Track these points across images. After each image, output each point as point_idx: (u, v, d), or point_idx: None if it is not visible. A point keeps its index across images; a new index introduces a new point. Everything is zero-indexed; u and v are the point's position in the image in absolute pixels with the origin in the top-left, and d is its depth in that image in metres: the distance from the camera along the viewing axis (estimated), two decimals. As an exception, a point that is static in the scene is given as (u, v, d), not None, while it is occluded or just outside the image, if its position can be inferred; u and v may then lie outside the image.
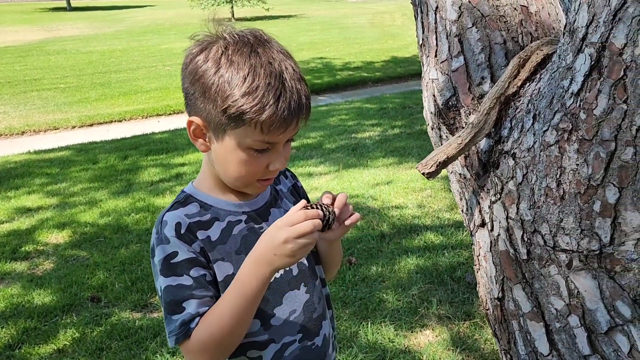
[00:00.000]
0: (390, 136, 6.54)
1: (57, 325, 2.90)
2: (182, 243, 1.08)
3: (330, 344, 1.28)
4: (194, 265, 1.08)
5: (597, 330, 1.18)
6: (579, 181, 1.14)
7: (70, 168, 6.03)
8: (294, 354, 1.19)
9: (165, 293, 1.07)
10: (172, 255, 1.07)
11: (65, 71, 13.74)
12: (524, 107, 1.30)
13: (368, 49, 15.50)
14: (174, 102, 9.83)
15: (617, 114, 1.05)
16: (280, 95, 1.02)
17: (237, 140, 1.06)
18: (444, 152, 1.37)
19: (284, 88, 1.03)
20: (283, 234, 1.00)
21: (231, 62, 1.03)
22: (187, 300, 1.06)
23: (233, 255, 1.13)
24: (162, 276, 1.07)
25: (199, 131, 1.11)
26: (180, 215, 1.11)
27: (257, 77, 1.01)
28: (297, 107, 1.04)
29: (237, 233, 1.15)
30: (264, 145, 1.06)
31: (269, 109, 1.01)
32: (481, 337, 2.61)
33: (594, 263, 1.16)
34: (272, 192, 1.25)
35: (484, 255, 1.44)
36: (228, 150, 1.08)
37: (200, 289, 1.08)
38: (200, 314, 1.06)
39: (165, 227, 1.09)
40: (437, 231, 3.76)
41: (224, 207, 1.16)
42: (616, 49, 1.03)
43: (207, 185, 1.18)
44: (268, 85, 1.01)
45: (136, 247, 3.82)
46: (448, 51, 1.47)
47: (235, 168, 1.10)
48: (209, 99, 1.05)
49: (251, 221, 1.17)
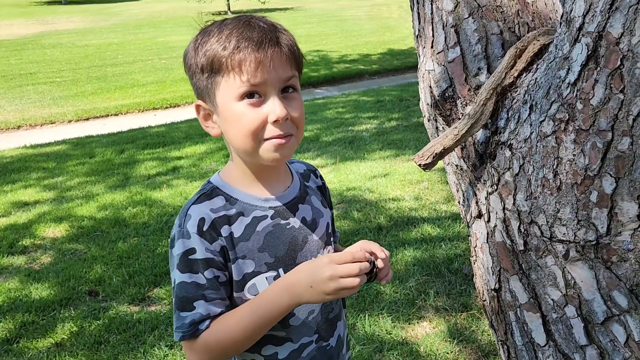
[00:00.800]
0: (387, 129, 6.53)
1: (55, 319, 2.90)
2: (202, 241, 1.06)
3: (344, 344, 1.27)
4: (210, 266, 1.07)
5: (594, 320, 1.18)
6: (575, 171, 1.14)
7: (66, 162, 6.02)
8: (311, 354, 1.17)
9: (179, 288, 1.07)
10: (191, 251, 1.06)
11: (61, 65, 13.68)
12: (521, 97, 1.30)
13: (365, 42, 15.46)
14: (170, 96, 9.81)
15: (614, 103, 1.05)
16: (243, 32, 1.03)
17: (224, 94, 1.06)
18: (440, 143, 1.37)
19: (249, 26, 1.04)
20: (328, 270, 1.00)
21: (206, 33, 1.08)
22: (199, 300, 1.06)
23: (255, 253, 1.11)
24: (179, 271, 1.07)
25: (206, 114, 1.13)
26: (205, 211, 1.08)
27: (225, 29, 1.05)
28: (261, 38, 1.03)
29: (261, 230, 1.12)
30: (250, 89, 1.04)
31: (232, 44, 1.02)
32: (478, 328, 2.62)
33: (590, 253, 1.16)
34: (301, 187, 1.22)
35: (480, 246, 1.44)
36: (225, 112, 1.07)
37: (212, 291, 1.07)
38: (211, 316, 1.06)
39: (188, 221, 1.07)
40: (434, 223, 3.76)
41: (251, 202, 1.13)
42: (613, 39, 1.03)
43: (234, 177, 1.15)
44: (232, 29, 1.04)
45: (134, 241, 3.81)
46: (444, 42, 1.46)
47: (236, 129, 1.07)
48: (193, 73, 1.09)
49: (278, 217, 1.14)
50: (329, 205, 1.30)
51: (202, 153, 6.02)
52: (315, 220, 1.20)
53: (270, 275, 1.11)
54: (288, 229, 1.15)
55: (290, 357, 1.15)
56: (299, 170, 1.26)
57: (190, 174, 5.28)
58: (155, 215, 4.26)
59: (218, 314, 1.07)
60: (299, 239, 1.16)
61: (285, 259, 1.14)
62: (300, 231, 1.17)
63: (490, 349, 2.47)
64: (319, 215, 1.22)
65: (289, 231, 1.15)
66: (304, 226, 1.18)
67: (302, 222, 1.18)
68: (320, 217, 1.22)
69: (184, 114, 8.64)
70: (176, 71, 12.33)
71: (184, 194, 4.67)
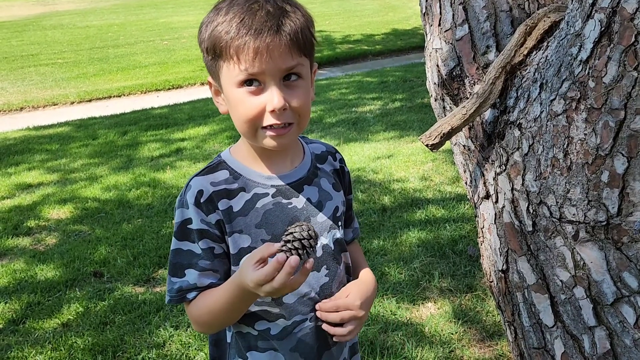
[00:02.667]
0: (391, 110, 6.49)
1: (60, 300, 2.91)
2: (198, 212, 1.10)
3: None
4: (204, 237, 1.10)
5: (603, 301, 1.18)
6: (586, 151, 1.12)
7: (70, 144, 6.01)
8: (304, 331, 1.18)
9: (173, 255, 1.12)
10: (188, 221, 1.10)
11: (62, 46, 13.59)
12: (531, 76, 1.28)
13: (368, 22, 15.30)
14: (173, 77, 9.75)
15: (627, 81, 1.03)
16: (245, 18, 1.02)
17: (226, 78, 1.07)
18: (448, 123, 1.35)
19: (253, 14, 1.03)
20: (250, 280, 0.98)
21: (217, 10, 1.07)
22: (189, 269, 1.11)
23: (252, 229, 1.12)
24: (176, 238, 1.12)
25: (215, 89, 1.15)
26: (205, 183, 1.11)
27: (231, 10, 1.04)
28: (264, 29, 1.01)
29: (260, 207, 1.13)
30: (249, 77, 1.03)
31: (232, 31, 1.02)
32: (483, 309, 2.62)
33: (600, 234, 1.15)
34: (311, 168, 1.21)
35: (488, 227, 1.43)
36: (228, 95, 1.09)
37: (205, 261, 1.11)
38: (198, 286, 1.11)
39: (188, 192, 1.11)
40: (439, 204, 3.75)
41: (254, 178, 1.15)
42: (627, 14, 1.00)
43: (241, 153, 1.17)
44: (237, 13, 1.03)
45: (138, 222, 3.81)
46: (452, 19, 1.43)
47: (236, 113, 1.09)
48: (202, 50, 1.10)
49: (279, 195, 1.15)
50: (346, 190, 1.29)
51: (205, 134, 6.00)
52: (320, 203, 1.19)
53: None
54: (289, 208, 1.15)
55: (283, 333, 1.17)
56: (315, 151, 1.25)
57: (193, 156, 5.27)
58: (159, 196, 4.25)
59: (206, 285, 1.11)
60: (301, 219, 1.16)
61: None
62: (303, 212, 1.17)
63: (495, 330, 2.47)
64: (326, 198, 1.21)
65: (290, 210, 1.15)
66: (307, 207, 1.17)
67: (306, 203, 1.17)
68: (328, 200, 1.21)
69: (187, 95, 8.60)
70: (178, 52, 12.25)
71: (188, 175, 4.66)
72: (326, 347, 1.21)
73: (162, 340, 2.54)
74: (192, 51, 12.25)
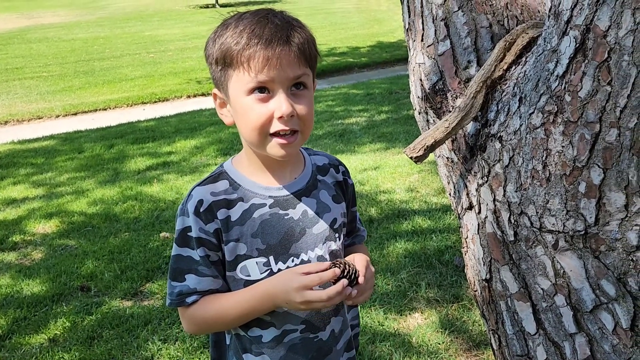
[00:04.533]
0: (378, 121, 6.54)
1: (47, 315, 2.89)
2: (197, 220, 1.14)
3: (342, 342, 1.27)
4: (202, 245, 1.15)
5: (583, 309, 1.21)
6: (564, 163, 1.16)
7: (55, 157, 5.98)
8: (293, 342, 1.21)
9: (174, 260, 1.17)
10: (188, 229, 1.15)
11: (47, 59, 13.54)
12: (510, 90, 1.32)
13: (354, 34, 15.44)
14: (159, 90, 9.75)
15: (602, 95, 1.07)
16: (255, 29, 1.07)
17: (235, 87, 1.10)
18: (431, 136, 1.38)
19: (262, 24, 1.08)
20: (295, 282, 1.08)
21: (225, 25, 1.12)
22: (190, 274, 1.16)
23: (248, 238, 1.16)
24: (177, 245, 1.17)
25: (221, 102, 1.17)
26: (205, 193, 1.16)
27: (240, 24, 1.09)
28: (274, 39, 1.06)
29: (257, 216, 1.17)
30: (259, 85, 1.08)
31: (243, 40, 1.06)
32: (469, 318, 2.65)
33: (579, 243, 1.18)
34: (310, 180, 1.24)
35: (471, 237, 1.46)
36: (236, 104, 1.12)
37: (203, 267, 1.16)
38: (198, 291, 1.16)
39: (189, 201, 1.16)
40: (425, 215, 3.79)
41: (252, 189, 1.18)
42: (600, 31, 1.05)
43: (242, 164, 1.21)
44: (247, 26, 1.08)
45: (125, 236, 3.80)
46: (434, 35, 1.47)
47: (244, 122, 1.12)
48: (211, 63, 1.14)
49: (277, 206, 1.19)
50: (349, 202, 1.32)
51: (192, 148, 6.00)
52: (318, 214, 1.22)
53: (261, 260, 1.17)
54: (286, 219, 1.19)
55: (273, 342, 1.20)
56: (317, 163, 1.28)
57: (181, 169, 5.27)
58: (146, 210, 4.25)
59: (205, 290, 1.16)
60: (296, 230, 1.19)
61: (278, 247, 1.18)
62: (299, 223, 1.20)
63: (481, 339, 2.50)
64: (324, 210, 1.23)
65: (286, 221, 1.18)
66: (303, 218, 1.20)
67: (303, 214, 1.20)
68: (326, 212, 1.23)
69: (174, 108, 8.60)
70: (165, 65, 12.26)
71: (175, 188, 4.66)
72: (321, 357, 1.23)
73: (151, 354, 2.54)
74: (178, 64, 12.27)
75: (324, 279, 1.08)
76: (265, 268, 1.17)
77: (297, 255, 1.19)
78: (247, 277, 1.17)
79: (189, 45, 14.74)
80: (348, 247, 1.35)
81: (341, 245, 1.27)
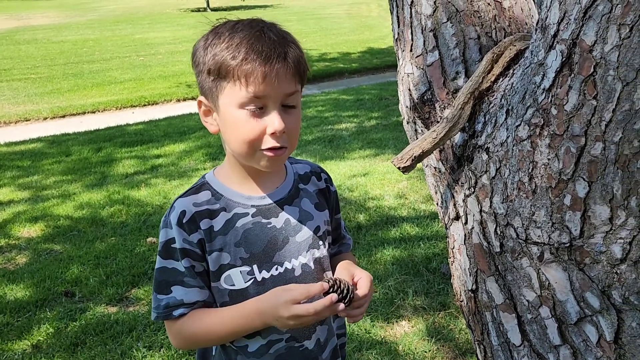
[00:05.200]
0: (367, 128, 6.56)
1: (30, 321, 2.86)
2: (180, 232, 1.13)
3: (328, 350, 1.28)
4: (186, 255, 1.14)
5: (567, 320, 1.21)
6: (550, 175, 1.16)
7: (42, 160, 5.92)
8: (279, 352, 1.21)
9: (159, 273, 1.16)
10: (171, 240, 1.15)
11: (36, 61, 13.44)
12: (498, 102, 1.32)
13: (344, 40, 15.48)
14: (149, 94, 9.71)
15: (587, 109, 1.08)
16: (254, 43, 1.06)
17: (227, 99, 1.09)
18: (419, 146, 1.38)
19: (259, 38, 1.07)
20: (286, 311, 1.06)
21: (216, 34, 1.10)
22: (175, 285, 1.15)
23: (231, 247, 1.16)
24: (160, 257, 1.16)
25: (207, 111, 1.16)
26: (188, 205, 1.15)
27: (235, 35, 1.07)
28: (271, 53, 1.06)
29: (240, 226, 1.17)
30: (253, 101, 1.07)
31: (241, 54, 1.05)
32: (456, 327, 2.66)
33: (564, 255, 1.19)
34: (292, 189, 1.24)
35: (458, 248, 1.46)
36: (226, 115, 1.11)
37: (190, 278, 1.15)
38: (185, 303, 1.15)
39: (172, 213, 1.16)
40: (413, 222, 3.79)
41: (234, 198, 1.18)
42: (586, 46, 1.05)
43: (225, 174, 1.21)
44: (243, 38, 1.07)
45: (111, 241, 3.77)
46: (423, 46, 1.48)
47: (234, 135, 1.11)
48: (200, 71, 1.12)
49: (259, 215, 1.19)
50: (332, 209, 1.32)
51: (181, 152, 5.98)
52: (300, 223, 1.22)
53: (245, 269, 1.17)
54: (269, 228, 1.19)
55: (259, 352, 1.20)
56: (299, 172, 1.29)
57: (169, 173, 5.24)
58: (133, 214, 4.22)
59: (193, 302, 1.15)
60: (279, 238, 1.19)
61: (261, 256, 1.18)
62: (281, 231, 1.19)
63: (468, 348, 2.50)
64: (306, 218, 1.23)
65: (269, 230, 1.18)
66: (286, 227, 1.20)
67: (285, 222, 1.20)
68: (309, 220, 1.24)
69: (163, 111, 8.56)
70: (154, 68, 12.21)
71: (163, 193, 4.64)
72: None
73: (135, 361, 2.51)
74: (168, 67, 12.23)
75: (312, 292, 1.07)
76: (249, 277, 1.16)
77: (281, 263, 1.19)
78: (231, 286, 1.17)
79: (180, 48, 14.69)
80: (335, 255, 1.35)
81: (326, 253, 1.27)
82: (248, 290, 1.17)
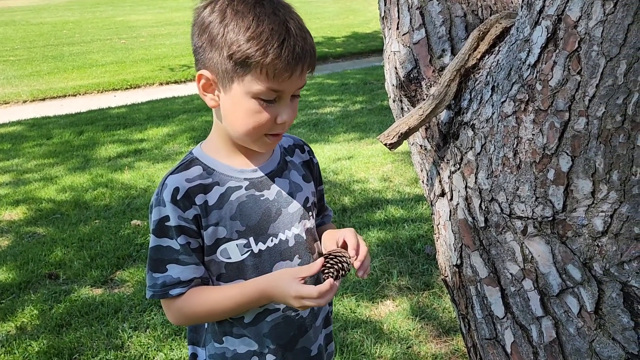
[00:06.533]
0: (352, 112, 6.56)
1: (14, 303, 2.84)
2: (175, 209, 1.12)
3: (320, 318, 1.30)
4: (182, 233, 1.13)
5: (549, 292, 1.24)
6: (534, 150, 1.18)
7: (23, 144, 5.84)
8: (276, 321, 1.22)
9: (154, 251, 1.15)
10: (165, 218, 1.13)
11: (14, 43, 13.18)
12: (483, 79, 1.33)
13: (329, 25, 15.40)
14: (131, 77, 9.58)
15: (571, 85, 1.09)
16: (284, 40, 1.05)
17: (245, 88, 1.08)
18: (405, 123, 1.40)
19: (288, 34, 1.06)
20: (292, 291, 1.08)
21: (236, 12, 1.06)
22: (171, 263, 1.14)
23: (227, 220, 1.16)
24: (155, 236, 1.14)
25: (208, 85, 1.13)
26: (180, 181, 1.14)
27: (261, 24, 1.05)
28: (301, 52, 1.07)
29: (234, 199, 1.17)
30: (271, 94, 1.08)
31: (273, 52, 1.04)
32: (439, 306, 2.70)
33: (547, 229, 1.21)
34: (281, 161, 1.26)
35: (443, 224, 1.48)
36: (236, 100, 1.10)
37: (185, 255, 1.14)
38: (182, 281, 1.14)
39: (164, 190, 1.13)
40: (397, 205, 3.82)
41: (226, 172, 1.18)
42: (571, 22, 1.07)
43: (214, 148, 1.20)
44: (272, 31, 1.05)
45: (95, 224, 3.75)
46: (410, 24, 1.48)
47: (243, 120, 1.11)
48: (216, 49, 1.07)
49: (252, 188, 1.19)
50: (317, 180, 1.35)
51: (164, 135, 5.93)
52: (291, 194, 1.24)
53: (241, 242, 1.17)
54: (262, 200, 1.19)
55: (255, 321, 1.21)
56: (283, 145, 1.30)
57: (153, 157, 5.21)
58: (117, 197, 4.19)
59: (190, 279, 1.15)
60: (272, 210, 1.20)
61: (257, 228, 1.18)
62: (274, 203, 1.21)
63: (451, 326, 2.55)
64: (296, 190, 1.25)
65: (263, 202, 1.19)
66: (278, 199, 1.22)
67: (277, 194, 1.22)
68: (299, 191, 1.25)
69: (145, 95, 8.47)
70: (136, 51, 12.04)
71: (147, 176, 4.61)
72: (301, 334, 1.25)
73: (121, 342, 2.51)
74: (150, 50, 12.07)
75: (313, 270, 1.10)
76: (245, 249, 1.17)
77: (276, 235, 1.20)
78: (227, 259, 1.17)
79: (162, 31, 14.51)
80: (318, 226, 1.37)
81: (315, 223, 1.30)
82: (245, 262, 1.18)
